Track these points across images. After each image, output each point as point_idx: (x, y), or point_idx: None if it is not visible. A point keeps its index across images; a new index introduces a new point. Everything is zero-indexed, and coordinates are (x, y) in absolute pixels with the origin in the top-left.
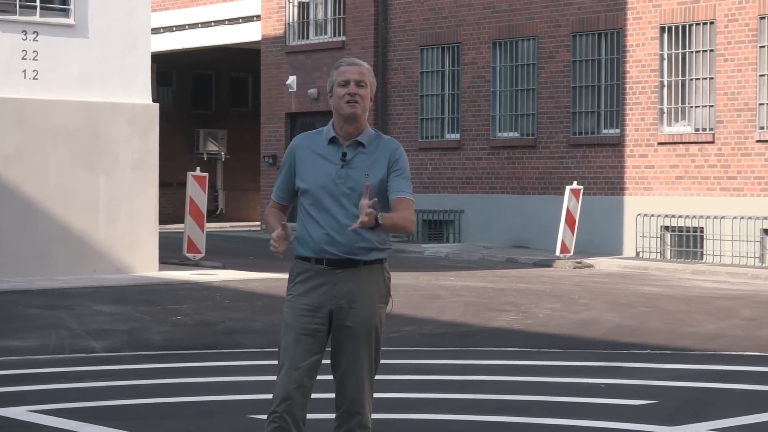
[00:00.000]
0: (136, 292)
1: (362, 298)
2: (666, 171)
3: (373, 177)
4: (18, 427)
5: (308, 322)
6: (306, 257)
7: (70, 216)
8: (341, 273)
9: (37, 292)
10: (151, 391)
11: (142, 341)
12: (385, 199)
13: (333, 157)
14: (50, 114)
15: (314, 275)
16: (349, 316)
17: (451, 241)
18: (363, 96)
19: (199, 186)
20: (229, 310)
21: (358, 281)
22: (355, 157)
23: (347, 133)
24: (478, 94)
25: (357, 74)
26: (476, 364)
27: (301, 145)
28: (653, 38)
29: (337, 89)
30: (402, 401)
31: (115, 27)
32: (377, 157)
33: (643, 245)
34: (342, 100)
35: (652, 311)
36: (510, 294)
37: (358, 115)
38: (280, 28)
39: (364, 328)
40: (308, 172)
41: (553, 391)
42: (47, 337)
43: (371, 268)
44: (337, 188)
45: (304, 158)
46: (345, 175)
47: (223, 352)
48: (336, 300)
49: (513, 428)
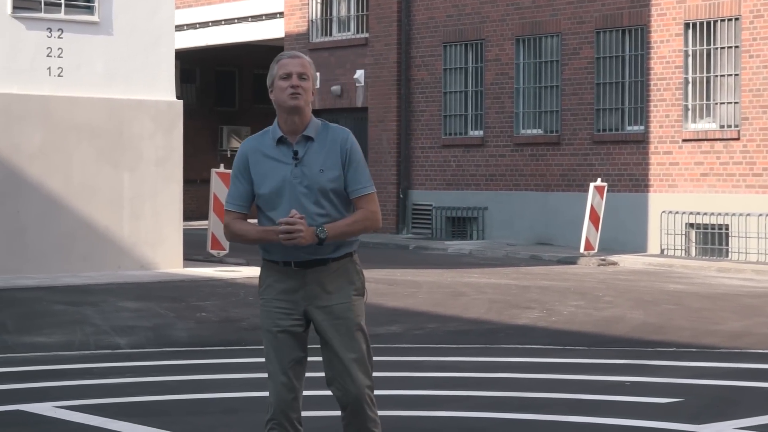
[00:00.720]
0: (160, 288)
1: (336, 294)
2: (691, 168)
3: (328, 171)
4: (44, 422)
5: (285, 324)
6: (273, 260)
7: (94, 213)
8: (311, 273)
9: (62, 288)
10: (176, 388)
11: (167, 338)
12: (344, 195)
13: (284, 157)
14: (74, 111)
15: (284, 277)
16: (326, 315)
17: (474, 238)
18: (305, 88)
19: (223, 183)
20: (253, 307)
21: (330, 279)
22: (306, 153)
23: (293, 127)
24: (502, 90)
25: (299, 66)
26: (500, 361)
27: (252, 149)
28: (678, 35)
29: (278, 82)
30: (426, 398)
31: (139, 24)
32: (329, 149)
33: (667, 242)
34: (284, 93)
35: (677, 309)
36: (534, 291)
37: (302, 107)
38: (303, 25)
39: (345, 325)
40: (264, 176)
41: (577, 389)
42: (72, 333)
43: (341, 263)
44: (294, 189)
45: (257, 163)
46: (300, 174)
47: (247, 349)
48: (309, 300)
49: (537, 426)
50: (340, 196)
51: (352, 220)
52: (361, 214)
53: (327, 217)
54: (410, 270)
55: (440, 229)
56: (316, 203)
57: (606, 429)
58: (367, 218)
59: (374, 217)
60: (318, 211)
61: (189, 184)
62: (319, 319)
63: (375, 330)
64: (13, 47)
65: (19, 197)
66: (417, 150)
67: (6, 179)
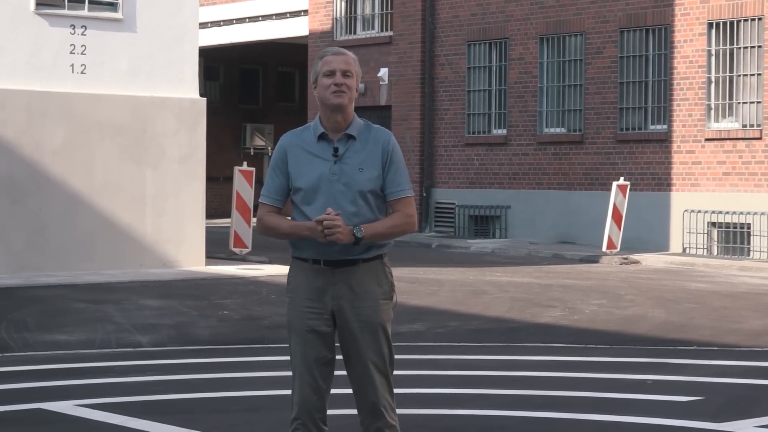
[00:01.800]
0: (182, 286)
1: (363, 296)
2: (713, 167)
3: (367, 171)
4: (65, 421)
5: (313, 323)
6: (303, 258)
7: (116, 210)
8: (340, 272)
9: (84, 286)
10: (198, 386)
11: (189, 336)
12: (381, 197)
13: (325, 153)
14: (97, 108)
15: (313, 276)
16: (352, 316)
17: (497, 236)
18: (349, 86)
19: (245, 180)
20: (276, 305)
21: (358, 279)
22: (347, 151)
23: (335, 125)
24: (525, 89)
25: (343, 64)
26: (522, 359)
27: (292, 144)
28: (701, 34)
29: (322, 80)
30: (447, 397)
31: (163, 21)
32: (370, 149)
33: (689, 241)
34: (328, 91)
35: (698, 307)
36: (556, 290)
37: (345, 105)
38: (328, 23)
39: (369, 328)
40: (301, 171)
41: (598, 387)
42: (94, 331)
43: (370, 265)
44: (331, 186)
45: (296, 157)
46: (339, 171)
47: (269, 347)
48: (336, 300)
49: (559, 424)
50: (377, 197)
51: (391, 222)
52: (398, 217)
53: (361, 218)
54: (433, 268)
55: (463, 227)
56: (352, 202)
57: (627, 427)
58: (405, 222)
59: (411, 221)
60: (353, 209)
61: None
62: (344, 319)
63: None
64: (36, 44)
65: (41, 195)
66: (440, 148)
67: (28, 177)
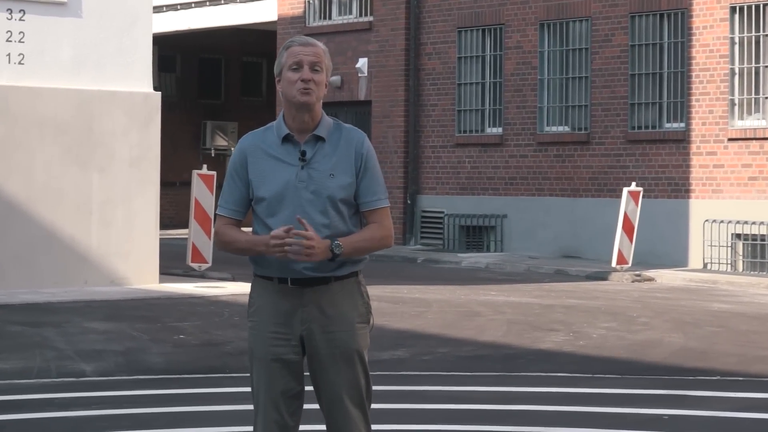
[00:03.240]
0: (133, 307)
1: (337, 319)
2: (737, 171)
3: (339, 177)
4: None
5: (279, 351)
6: (267, 276)
7: (58, 219)
8: (309, 292)
9: (20, 306)
10: (150, 421)
11: (140, 363)
12: (353, 207)
13: (289, 157)
14: (38, 103)
15: (278, 296)
16: (324, 342)
17: (491, 250)
18: (318, 82)
19: (205, 186)
20: (239, 329)
21: (331, 300)
22: (315, 154)
23: (302, 125)
24: (524, 82)
25: (312, 56)
26: (520, 391)
27: (252, 147)
28: (723, 19)
29: (287, 74)
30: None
31: (112, 5)
32: (341, 152)
33: (711, 255)
34: (294, 87)
35: (721, 331)
36: (559, 311)
37: (313, 104)
38: (299, 7)
39: (343, 355)
40: (264, 178)
41: (608, 423)
42: (31, 358)
43: (344, 283)
44: (298, 194)
45: (257, 162)
46: (306, 178)
47: (231, 377)
48: (306, 324)
49: None
50: (349, 206)
51: (369, 235)
52: (376, 230)
53: (332, 230)
54: (418, 286)
55: (453, 239)
56: (322, 212)
57: None
58: (383, 236)
59: (388, 234)
60: (323, 221)
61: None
62: (314, 346)
63: (377, 355)
64: None
65: None
66: (427, 149)
67: None
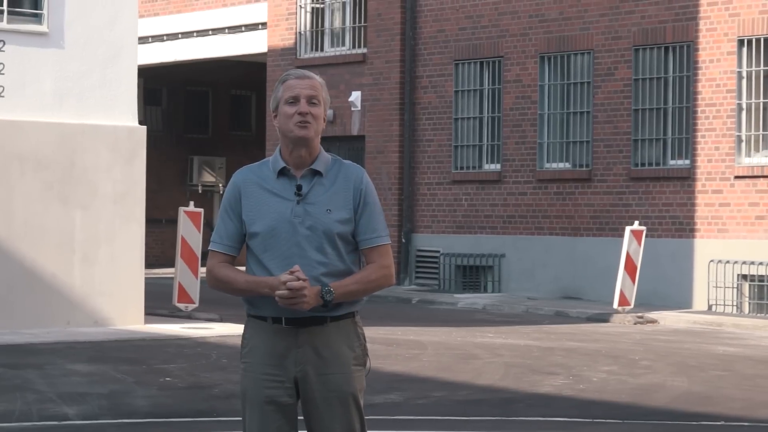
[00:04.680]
0: (117, 348)
1: (332, 361)
2: (744, 210)
3: (336, 213)
4: None
5: (272, 393)
6: (261, 316)
7: (39, 258)
8: (304, 333)
9: (0, 347)
10: None
11: (125, 407)
12: (352, 244)
13: (285, 192)
14: (18, 137)
15: (272, 337)
16: (318, 384)
17: (489, 290)
18: (316, 115)
19: (192, 224)
20: (227, 371)
21: (326, 342)
22: (312, 189)
23: (299, 160)
24: (523, 117)
25: (308, 89)
26: None
27: (247, 181)
28: (730, 53)
29: (284, 108)
30: None
31: (96, 36)
32: (339, 187)
33: (716, 297)
34: (291, 121)
35: (726, 375)
36: (559, 354)
37: (311, 139)
38: (290, 38)
39: (338, 398)
40: (258, 212)
41: None
42: (12, 401)
43: (340, 324)
44: (294, 230)
45: (252, 196)
46: (302, 213)
47: (219, 420)
48: (301, 366)
49: None
50: (347, 243)
51: (366, 277)
52: (374, 270)
53: (329, 268)
54: (413, 328)
55: (449, 279)
56: (318, 249)
57: None
58: (382, 275)
59: (388, 273)
60: (319, 258)
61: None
62: (309, 388)
63: (371, 399)
64: None
65: None
66: (422, 186)
67: None
